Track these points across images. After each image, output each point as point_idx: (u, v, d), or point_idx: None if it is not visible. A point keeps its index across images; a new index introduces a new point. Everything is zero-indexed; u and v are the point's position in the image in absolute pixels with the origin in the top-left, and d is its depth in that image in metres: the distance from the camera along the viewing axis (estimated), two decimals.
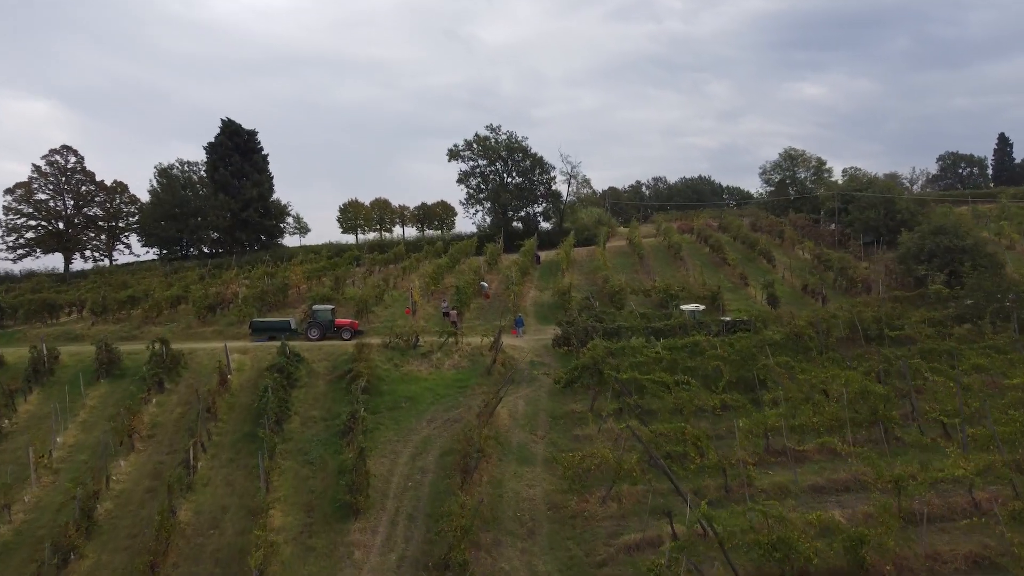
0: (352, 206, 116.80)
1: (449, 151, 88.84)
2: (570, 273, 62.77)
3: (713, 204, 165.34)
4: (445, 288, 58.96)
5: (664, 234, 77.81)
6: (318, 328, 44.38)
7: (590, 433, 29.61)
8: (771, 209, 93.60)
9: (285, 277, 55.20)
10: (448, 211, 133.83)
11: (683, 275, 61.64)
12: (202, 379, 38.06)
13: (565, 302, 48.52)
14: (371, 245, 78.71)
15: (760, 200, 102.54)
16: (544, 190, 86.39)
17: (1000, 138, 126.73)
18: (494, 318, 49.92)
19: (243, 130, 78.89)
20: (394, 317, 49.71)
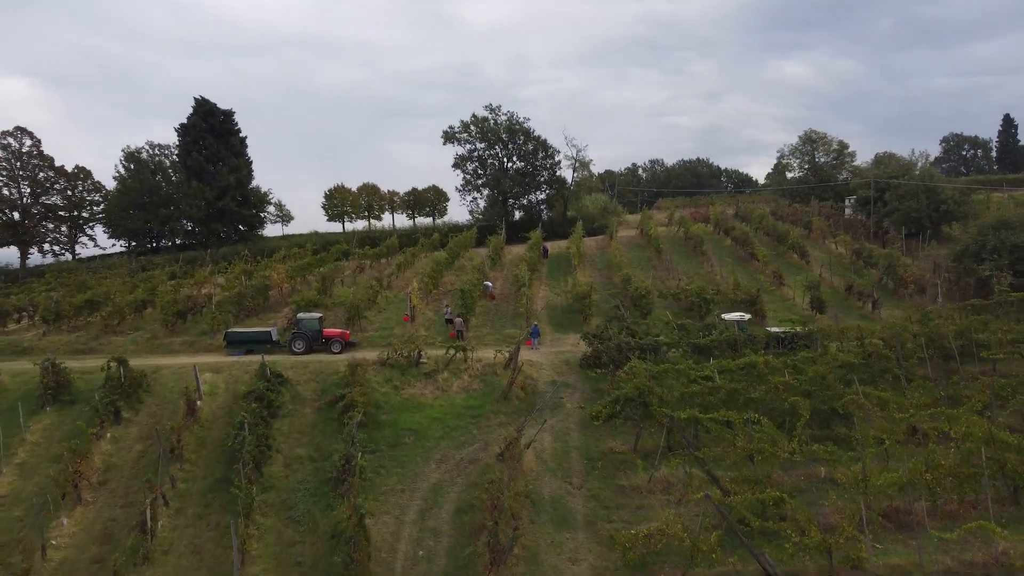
0: (338, 192, 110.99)
1: (444, 133, 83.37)
2: (582, 269, 57.79)
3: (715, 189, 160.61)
4: (445, 288, 53.89)
5: (680, 224, 72.87)
6: (303, 340, 39.23)
7: (639, 484, 24.75)
8: (790, 196, 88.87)
9: (265, 277, 49.85)
10: (440, 196, 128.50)
11: (707, 272, 56.84)
12: (167, 406, 32.90)
13: (585, 307, 43.56)
14: (361, 237, 73.30)
15: (775, 186, 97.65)
16: (548, 176, 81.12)
17: (1005, 119, 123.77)
18: (503, 324, 44.95)
19: (218, 110, 72.99)
20: (390, 324, 44.63)
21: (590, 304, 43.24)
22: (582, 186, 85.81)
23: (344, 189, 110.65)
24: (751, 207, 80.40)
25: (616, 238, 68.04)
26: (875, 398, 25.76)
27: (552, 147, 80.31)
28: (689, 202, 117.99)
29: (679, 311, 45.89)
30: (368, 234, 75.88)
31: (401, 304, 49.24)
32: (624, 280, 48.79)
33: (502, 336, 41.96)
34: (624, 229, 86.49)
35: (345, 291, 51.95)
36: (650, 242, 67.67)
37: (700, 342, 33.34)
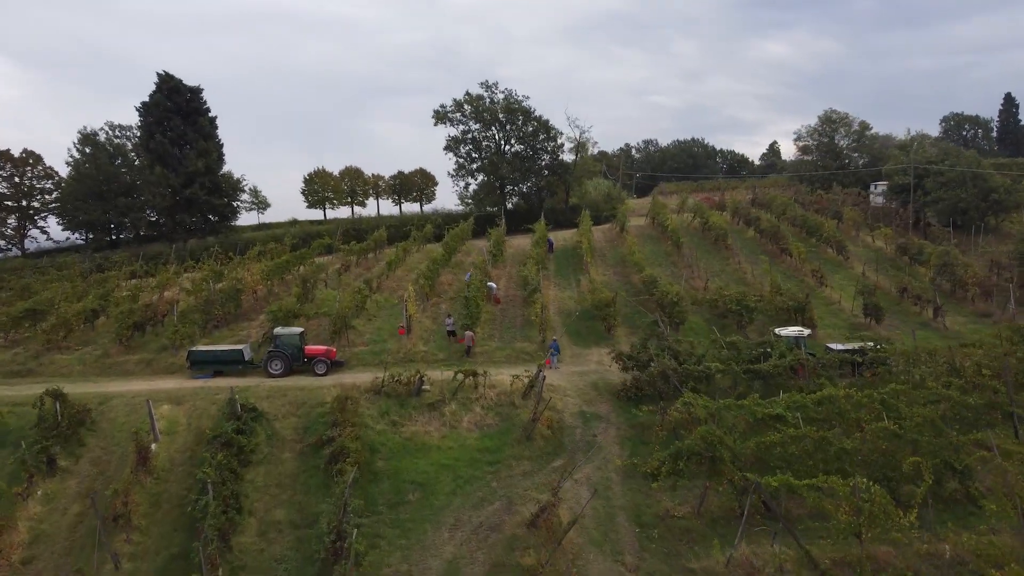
0: (319, 176, 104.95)
1: (435, 112, 77.51)
2: (594, 265, 52.69)
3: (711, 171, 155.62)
4: (443, 290, 48.63)
5: (695, 212, 67.87)
6: (282, 360, 33.94)
7: (713, 567, 19.82)
8: (808, 182, 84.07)
9: (237, 280, 44.31)
10: (428, 180, 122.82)
11: (734, 269, 52.00)
12: (116, 448, 27.60)
13: (608, 316, 38.50)
14: (345, 228, 67.63)
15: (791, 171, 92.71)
16: (550, 160, 75.65)
17: (1006, 99, 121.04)
18: (512, 335, 39.85)
19: (184, 87, 66.71)
20: (382, 335, 39.40)
21: (614, 313, 38.16)
22: (584, 170, 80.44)
23: (325, 173, 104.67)
24: (770, 194, 75.57)
25: (628, 229, 62.91)
26: (1000, 448, 20.94)
27: (554, 128, 74.84)
28: (695, 187, 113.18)
29: (710, 317, 41.05)
30: (353, 224, 70.27)
31: (394, 310, 44.01)
32: (648, 282, 43.71)
33: (514, 352, 36.87)
34: (630, 217, 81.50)
35: (329, 294, 46.63)
36: (664, 233, 62.70)
37: (763, 369, 28.34)
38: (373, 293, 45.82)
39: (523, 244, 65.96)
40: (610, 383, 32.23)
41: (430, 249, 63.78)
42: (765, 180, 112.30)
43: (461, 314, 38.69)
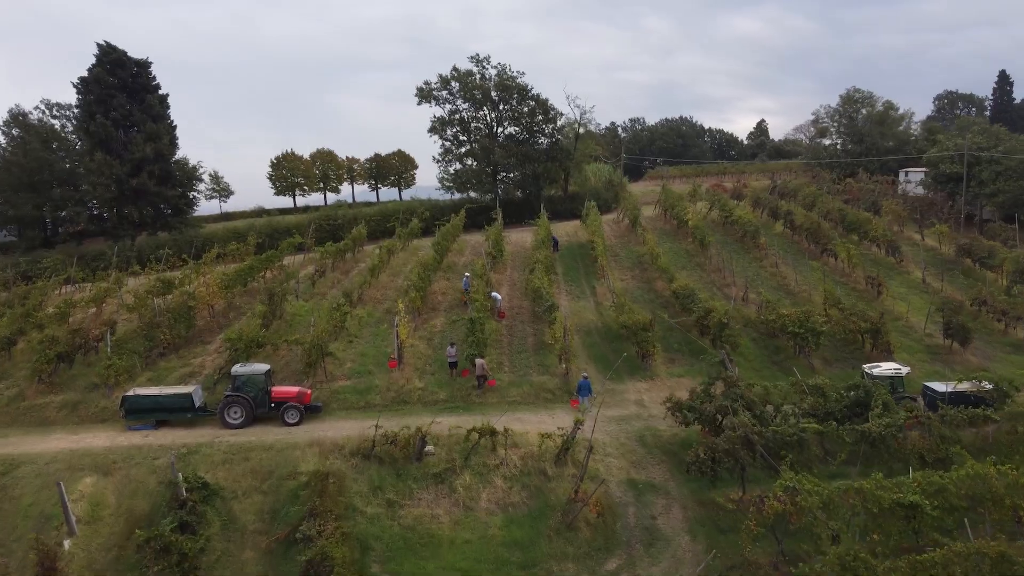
0: (288, 160, 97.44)
1: (419, 90, 70.65)
2: (609, 269, 46.57)
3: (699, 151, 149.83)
4: (436, 301, 42.24)
5: (712, 202, 61.91)
6: (243, 406, 27.49)
7: None
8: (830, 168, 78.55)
9: (188, 294, 37.49)
10: (407, 163, 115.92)
11: (771, 273, 46.21)
12: (18, 543, 21.06)
13: (644, 343, 32.38)
14: (319, 223, 60.70)
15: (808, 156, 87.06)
16: (548, 143, 69.05)
17: (1000, 76, 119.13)
18: (525, 363, 33.69)
19: (129, 60, 59.05)
20: (366, 365, 33.02)
21: (652, 339, 32.02)
22: (585, 155, 74.10)
23: (294, 157, 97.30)
24: (793, 182, 69.87)
25: (641, 223, 56.79)
26: None
27: (554, 108, 68.24)
28: (694, 170, 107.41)
29: (757, 337, 35.22)
30: (327, 217, 63.29)
31: (379, 328, 37.67)
32: (683, 295, 37.63)
33: (532, 389, 30.68)
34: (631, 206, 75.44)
35: (301, 308, 40.09)
36: (680, 228, 56.76)
37: (871, 430, 22.35)
38: (354, 307, 39.34)
39: (521, 240, 59.68)
40: (660, 436, 26.24)
41: (416, 246, 57.27)
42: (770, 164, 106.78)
43: (466, 340, 32.37)
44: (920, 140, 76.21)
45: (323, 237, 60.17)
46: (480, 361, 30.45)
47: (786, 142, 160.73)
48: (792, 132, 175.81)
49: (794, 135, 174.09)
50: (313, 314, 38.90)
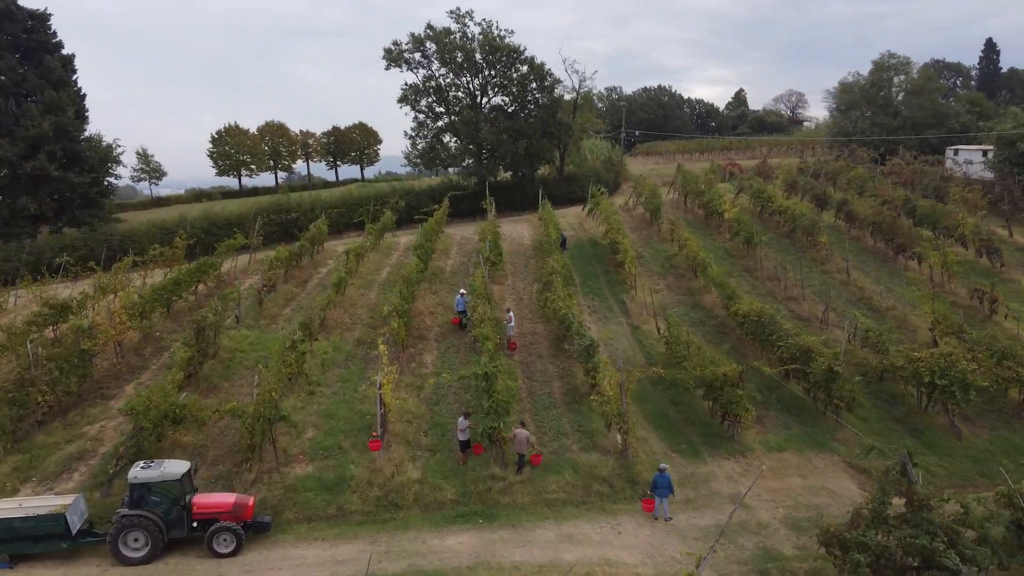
0: (231, 135, 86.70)
1: (387, 52, 60.94)
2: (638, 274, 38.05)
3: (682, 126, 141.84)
4: (423, 328, 33.23)
5: (748, 189, 53.58)
6: (147, 532, 18.36)
7: None
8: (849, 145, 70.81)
9: (83, 330, 27.80)
10: (369, 137, 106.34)
11: (842, 282, 38.18)
12: None
13: (732, 402, 23.87)
14: (267, 214, 50.90)
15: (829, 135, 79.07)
16: (543, 115, 59.79)
17: (987, 44, 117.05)
18: (555, 422, 25.29)
19: (21, 11, 48.25)
20: (335, 434, 24.16)
21: (742, 398, 23.44)
22: (584, 129, 65.20)
23: (239, 131, 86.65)
24: (833, 163, 61.78)
25: (667, 215, 48.22)
26: None
27: (551, 75, 59.05)
28: (699, 145, 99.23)
29: (865, 379, 27.04)
30: (278, 206, 53.45)
31: (349, 369, 28.85)
32: (757, 322, 29.16)
33: (578, 476, 22.06)
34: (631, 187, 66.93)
35: (243, 339, 30.91)
36: (711, 219, 48.41)
37: None
38: (314, 338, 30.23)
39: (516, 233, 50.81)
40: (794, 573, 17.80)
41: (390, 244, 48.03)
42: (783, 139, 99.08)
43: (481, 406, 23.52)
44: (963, 114, 68.84)
45: (273, 232, 50.63)
46: (522, 433, 21.84)
47: (767, 113, 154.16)
48: (771, 103, 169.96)
49: (773, 106, 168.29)
50: (260, 350, 29.84)
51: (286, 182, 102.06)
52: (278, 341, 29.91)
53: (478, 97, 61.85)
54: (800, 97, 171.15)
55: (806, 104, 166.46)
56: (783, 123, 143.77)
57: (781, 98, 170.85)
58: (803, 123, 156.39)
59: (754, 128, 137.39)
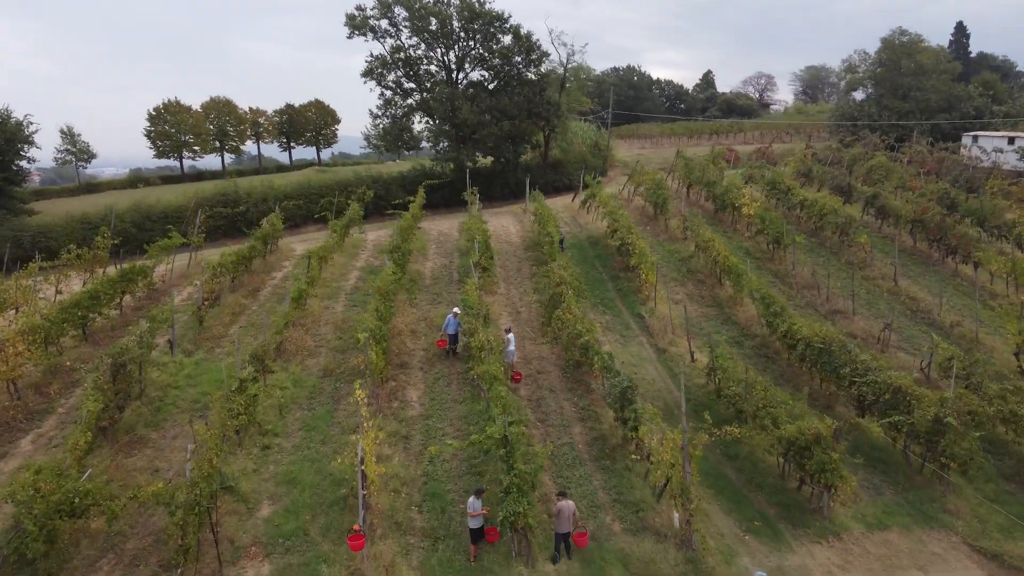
0: (172, 112, 79.28)
1: (349, 19, 54.83)
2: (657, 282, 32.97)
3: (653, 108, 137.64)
4: (405, 353, 27.67)
5: (757, 179, 48.85)
6: None
7: None
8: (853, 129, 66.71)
9: None
10: (326, 116, 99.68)
11: (886, 290, 33.60)
12: None
13: (827, 470, 18.83)
14: (211, 205, 44.49)
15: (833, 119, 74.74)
16: (529, 92, 54.13)
17: (957, 27, 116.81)
18: (585, 486, 20.01)
19: None
20: (297, 507, 18.77)
21: (834, 465, 18.34)
22: (572, 109, 59.82)
23: (180, 108, 79.28)
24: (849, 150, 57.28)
25: (682, 210, 43.18)
26: None
27: (539, 46, 53.38)
28: (685, 128, 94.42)
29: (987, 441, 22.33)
30: (223, 196, 46.99)
31: (316, 410, 23.35)
32: (824, 350, 24.21)
33: (629, 574, 16.79)
34: (619, 175, 61.95)
35: (178, 368, 25.06)
36: (723, 214, 43.58)
37: None
38: (269, 369, 24.53)
39: (501, 228, 45.43)
40: None
41: (357, 241, 42.14)
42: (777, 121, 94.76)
43: (498, 481, 18.17)
44: (976, 97, 65.11)
45: (218, 227, 44.37)
46: (568, 506, 16.70)
47: (737, 96, 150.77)
48: (740, 85, 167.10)
49: (742, 89, 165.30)
50: (200, 386, 24.13)
51: (234, 165, 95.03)
52: (223, 373, 24.24)
53: (454, 72, 56.00)
54: (769, 80, 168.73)
55: (775, 87, 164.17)
56: (753, 106, 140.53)
57: (750, 80, 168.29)
58: (769, 106, 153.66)
59: (724, 111, 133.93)
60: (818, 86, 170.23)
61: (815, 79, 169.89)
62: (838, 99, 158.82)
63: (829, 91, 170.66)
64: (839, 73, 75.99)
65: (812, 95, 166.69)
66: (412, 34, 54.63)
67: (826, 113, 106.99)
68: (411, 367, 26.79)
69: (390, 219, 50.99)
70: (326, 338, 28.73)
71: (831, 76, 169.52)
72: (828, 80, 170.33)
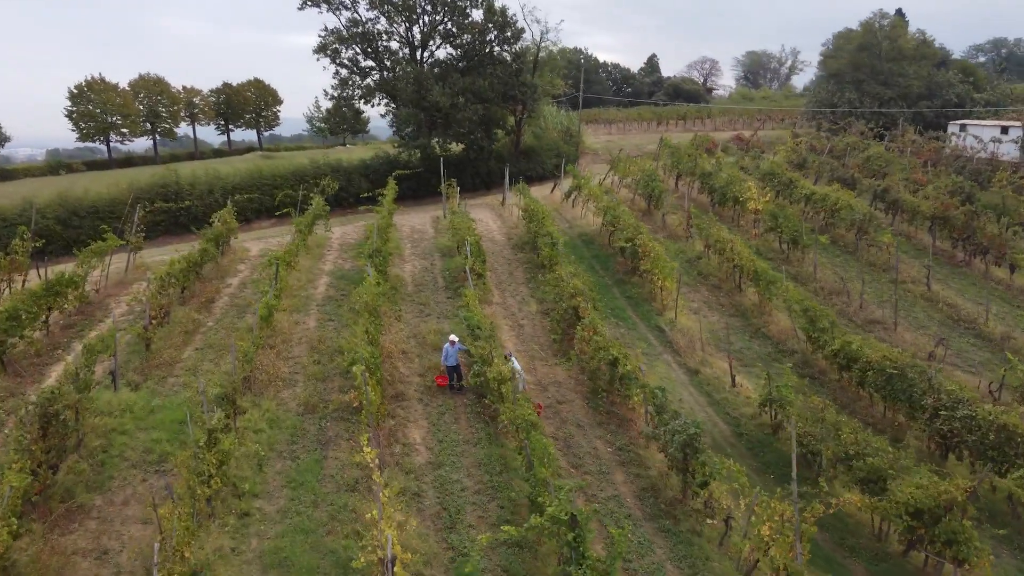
0: (96, 89, 72.44)
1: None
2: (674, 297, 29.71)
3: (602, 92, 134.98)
4: (400, 382, 23.69)
5: (751, 169, 46.02)
6: None
7: None
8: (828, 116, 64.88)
9: None
10: (266, 96, 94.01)
11: (919, 296, 31.04)
12: None
13: None
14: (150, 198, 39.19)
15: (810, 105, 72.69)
16: (504, 73, 50.01)
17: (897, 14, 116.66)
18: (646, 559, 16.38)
19: None
20: None
21: (968, 535, 15.19)
22: (546, 92, 56.08)
23: (106, 86, 72.54)
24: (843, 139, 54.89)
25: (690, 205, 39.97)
26: None
27: (513, 22, 49.35)
28: (653, 113, 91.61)
29: None
30: (163, 188, 41.65)
31: (298, 456, 19.57)
32: (894, 370, 21.18)
33: None
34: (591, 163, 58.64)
35: (123, 406, 20.61)
36: (722, 209, 40.57)
37: None
38: (239, 409, 20.25)
39: (479, 225, 41.29)
40: None
41: (321, 240, 37.63)
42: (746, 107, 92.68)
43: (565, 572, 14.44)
44: (956, 84, 63.83)
45: (158, 222, 39.33)
46: None
47: (684, 80, 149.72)
48: (685, 70, 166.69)
49: (687, 72, 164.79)
50: (152, 428, 19.85)
51: (167, 149, 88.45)
52: (181, 413, 19.96)
53: (418, 49, 51.56)
54: (714, 64, 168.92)
55: (719, 72, 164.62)
56: (699, 91, 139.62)
57: (694, 65, 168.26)
58: (713, 91, 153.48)
59: (670, 95, 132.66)
60: (759, 71, 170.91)
61: (756, 64, 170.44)
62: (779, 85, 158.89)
63: (771, 76, 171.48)
64: (780, 59, 73.93)
65: (754, 80, 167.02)
66: (371, 6, 50.01)
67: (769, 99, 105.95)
68: (408, 398, 22.82)
69: (353, 213, 46.66)
70: (301, 362, 24.50)
71: (772, 62, 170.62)
72: (769, 66, 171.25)
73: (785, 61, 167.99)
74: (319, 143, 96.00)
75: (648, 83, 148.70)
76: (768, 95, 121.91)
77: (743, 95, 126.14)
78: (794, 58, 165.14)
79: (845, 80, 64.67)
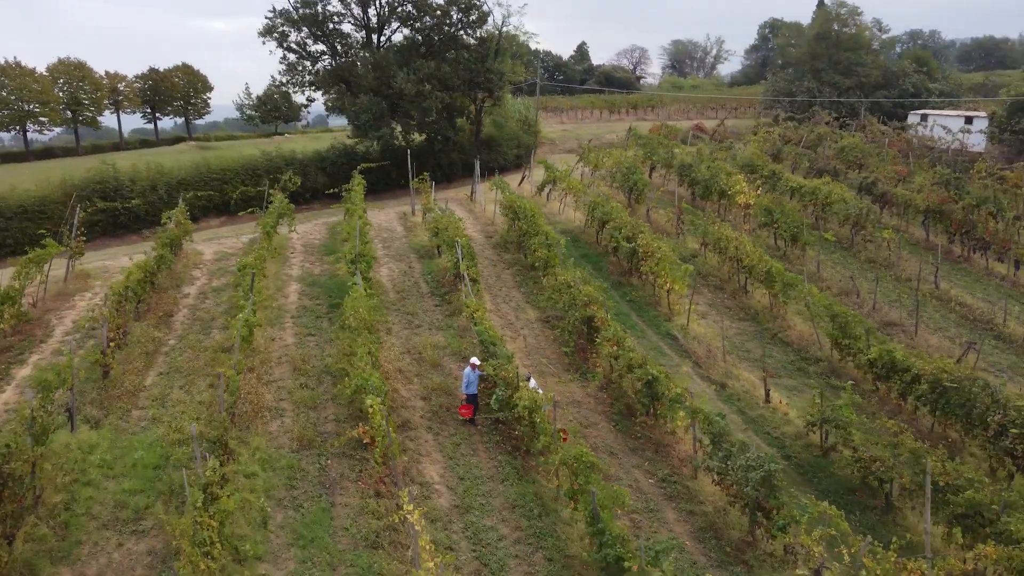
0: (10, 75, 66.21)
1: None
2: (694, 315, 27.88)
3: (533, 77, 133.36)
4: (399, 400, 21.06)
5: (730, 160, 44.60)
6: None
7: None
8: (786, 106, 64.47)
9: None
10: (196, 82, 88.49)
11: (932, 295, 30.00)
12: None
13: None
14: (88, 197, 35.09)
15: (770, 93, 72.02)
16: (469, 58, 47.17)
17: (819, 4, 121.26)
18: None
19: None
20: None
21: None
22: (508, 79, 53.54)
23: (22, 70, 66.54)
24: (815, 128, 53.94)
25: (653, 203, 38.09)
26: None
27: (480, 5, 46.55)
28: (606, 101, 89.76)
29: None
30: (101, 185, 37.41)
31: (300, 504, 17.04)
32: (951, 383, 19.72)
33: None
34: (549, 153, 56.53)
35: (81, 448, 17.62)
36: (705, 201, 39.00)
37: None
38: (232, 458, 17.33)
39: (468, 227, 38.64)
40: None
41: (282, 241, 34.33)
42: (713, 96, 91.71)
43: None
44: (912, 74, 64.10)
45: (96, 223, 35.36)
46: None
47: (615, 68, 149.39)
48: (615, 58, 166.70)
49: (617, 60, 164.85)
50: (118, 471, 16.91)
51: (89, 140, 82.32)
52: (155, 454, 17.01)
53: (375, 32, 48.32)
54: (643, 53, 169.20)
55: (649, 60, 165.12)
56: (630, 79, 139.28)
57: (624, 53, 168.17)
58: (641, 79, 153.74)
59: (602, 83, 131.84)
60: (685, 60, 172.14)
61: (683, 53, 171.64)
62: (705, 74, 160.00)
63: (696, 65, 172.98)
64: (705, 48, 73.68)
65: (680, 69, 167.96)
66: None
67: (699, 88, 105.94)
68: (415, 426, 20.21)
69: (309, 210, 43.48)
70: (286, 386, 21.58)
71: (698, 51, 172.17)
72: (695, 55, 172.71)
73: (711, 50, 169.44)
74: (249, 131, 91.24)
75: (579, 71, 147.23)
76: (697, 83, 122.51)
77: (672, 83, 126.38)
78: (719, 47, 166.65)
79: (804, 69, 64.18)
